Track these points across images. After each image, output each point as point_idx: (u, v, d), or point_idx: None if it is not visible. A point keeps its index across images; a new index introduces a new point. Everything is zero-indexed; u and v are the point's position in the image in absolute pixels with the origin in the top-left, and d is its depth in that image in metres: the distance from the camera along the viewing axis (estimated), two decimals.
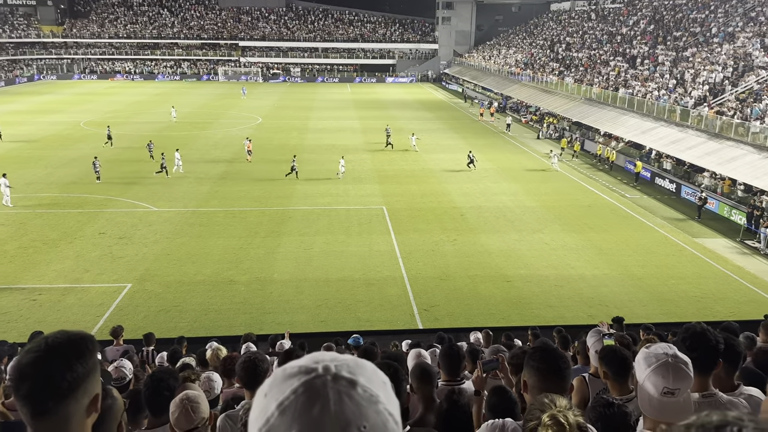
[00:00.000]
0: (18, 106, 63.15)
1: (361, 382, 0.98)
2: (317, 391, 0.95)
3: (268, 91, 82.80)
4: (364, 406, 0.96)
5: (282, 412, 0.94)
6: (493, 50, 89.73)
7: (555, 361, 2.72)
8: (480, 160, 39.81)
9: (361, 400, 0.96)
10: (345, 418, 0.93)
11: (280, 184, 32.92)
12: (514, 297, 19.51)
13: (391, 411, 1.00)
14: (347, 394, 0.96)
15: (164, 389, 4.16)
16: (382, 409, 0.98)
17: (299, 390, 0.96)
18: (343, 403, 0.94)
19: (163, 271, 21.15)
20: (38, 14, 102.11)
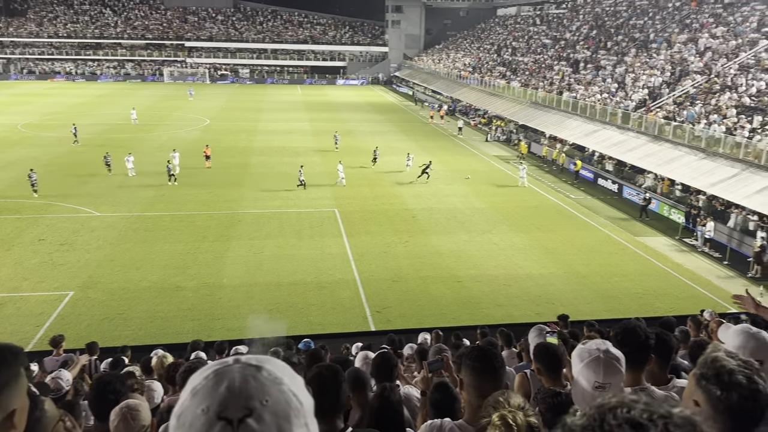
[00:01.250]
0: None
1: (266, 367, 1.08)
2: (225, 374, 1.05)
3: (216, 92, 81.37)
4: (267, 386, 1.05)
5: (194, 396, 1.04)
6: (442, 54, 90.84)
7: (489, 361, 2.79)
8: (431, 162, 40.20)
9: (265, 381, 1.06)
10: (248, 393, 1.03)
11: (229, 187, 32.39)
12: (465, 297, 19.78)
13: (295, 392, 1.08)
14: (252, 375, 1.05)
15: (110, 393, 4.05)
16: (285, 390, 1.06)
17: (210, 376, 1.06)
18: (247, 381, 1.04)
19: (106, 278, 20.47)
20: None
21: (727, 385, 1.96)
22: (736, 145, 28.00)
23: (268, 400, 1.03)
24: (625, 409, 0.88)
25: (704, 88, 36.08)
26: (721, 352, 2.12)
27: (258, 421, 1.00)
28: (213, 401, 1.01)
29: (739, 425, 1.97)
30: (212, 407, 1.01)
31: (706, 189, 27.26)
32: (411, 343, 9.89)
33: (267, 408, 1.02)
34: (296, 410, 1.06)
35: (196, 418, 1.01)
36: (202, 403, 1.02)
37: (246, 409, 1.01)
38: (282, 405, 1.04)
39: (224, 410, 1.00)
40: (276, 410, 1.03)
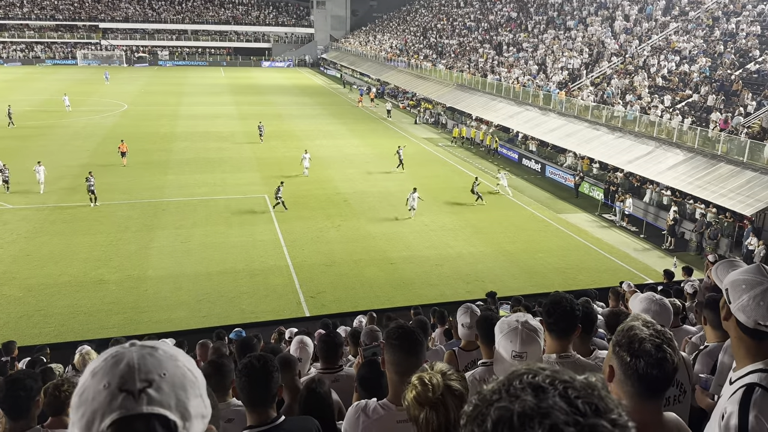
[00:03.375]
0: None
1: (161, 347, 1.15)
2: (123, 354, 1.12)
3: (134, 75, 77.84)
4: (164, 361, 1.12)
5: (94, 375, 1.09)
6: (369, 36, 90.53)
7: (408, 338, 2.87)
8: (361, 145, 40.24)
9: (162, 357, 1.13)
10: (147, 367, 1.10)
11: (150, 175, 31.20)
12: (398, 278, 20.03)
13: (190, 368, 1.16)
14: (149, 353, 1.13)
15: (20, 389, 3.87)
16: (180, 365, 1.14)
17: (108, 358, 1.12)
18: (144, 359, 1.11)
19: (22, 273, 19.35)
20: None
21: (636, 352, 2.10)
22: (650, 124, 29.57)
23: (166, 373, 1.10)
24: (531, 375, 0.96)
25: (620, 69, 37.79)
26: (638, 321, 2.25)
27: (157, 391, 1.08)
28: (113, 377, 1.08)
29: (647, 390, 2.12)
30: (113, 382, 1.07)
31: (623, 166, 28.67)
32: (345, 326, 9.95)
33: (165, 380, 1.10)
34: (191, 382, 1.14)
35: (98, 393, 1.07)
36: (103, 380, 1.08)
37: (146, 381, 1.08)
38: (179, 377, 1.12)
39: (125, 383, 1.07)
40: (174, 382, 1.11)
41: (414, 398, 2.24)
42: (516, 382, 0.96)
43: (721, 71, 31.51)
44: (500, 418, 0.91)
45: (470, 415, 0.96)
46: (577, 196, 30.54)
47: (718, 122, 26.85)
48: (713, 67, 32.38)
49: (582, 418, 0.89)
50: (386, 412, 2.84)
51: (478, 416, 0.94)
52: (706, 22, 37.53)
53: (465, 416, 0.97)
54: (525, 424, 0.88)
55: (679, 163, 26.10)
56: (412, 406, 2.24)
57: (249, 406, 2.93)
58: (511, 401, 0.92)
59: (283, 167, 33.53)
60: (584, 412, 0.89)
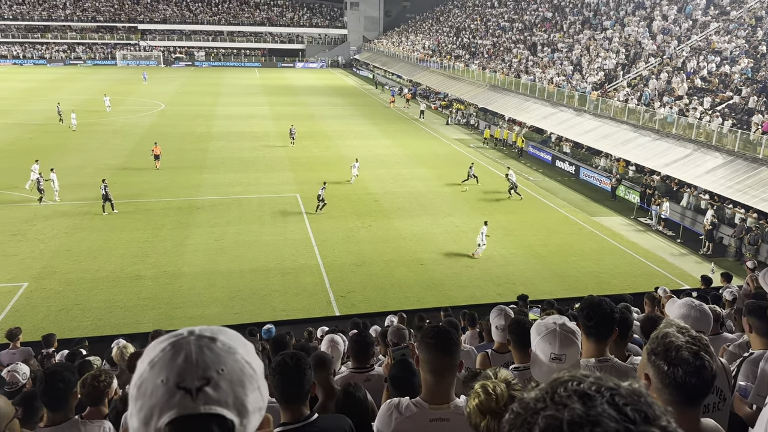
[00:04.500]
0: None
1: (220, 338, 1.13)
2: (181, 346, 1.10)
3: (171, 76, 79.37)
4: (222, 355, 1.10)
5: (152, 367, 1.09)
6: (401, 36, 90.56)
7: (443, 337, 2.88)
8: (392, 146, 40.29)
9: (220, 351, 1.11)
10: (204, 363, 1.08)
11: (186, 174, 31.75)
12: (428, 279, 19.98)
13: (249, 360, 1.14)
14: (207, 346, 1.11)
15: (58, 381, 3.99)
16: (239, 359, 1.12)
17: (166, 348, 1.10)
18: (203, 353, 1.09)
19: (62, 268, 19.92)
20: None
21: (674, 361, 2.07)
22: (689, 126, 28.88)
23: (224, 369, 1.09)
24: (576, 382, 0.94)
25: (657, 69, 37.01)
26: (672, 327, 2.21)
27: (215, 389, 1.07)
28: (171, 372, 1.06)
29: (686, 398, 2.08)
30: (171, 378, 1.06)
31: (660, 169, 28.07)
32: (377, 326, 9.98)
33: (223, 376, 1.08)
34: (250, 376, 1.12)
35: (156, 388, 1.06)
36: (161, 374, 1.07)
37: (204, 379, 1.07)
38: (237, 373, 1.10)
39: (183, 380, 1.06)
40: (231, 378, 1.09)
41: (477, 406, 2.27)
42: (560, 389, 0.94)
43: (763, 72, 30.59)
44: (548, 426, 0.89)
45: (513, 423, 0.94)
46: (614, 199, 29.99)
47: (761, 125, 26.08)
48: (755, 69, 31.45)
49: (633, 426, 0.87)
50: (419, 410, 2.86)
51: (524, 425, 0.92)
52: (749, 22, 36.49)
53: (507, 424, 0.95)
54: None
55: (719, 167, 25.43)
56: (474, 414, 2.27)
57: (283, 403, 2.97)
58: (559, 409, 0.90)
59: (315, 167, 33.79)
60: (634, 420, 0.88)
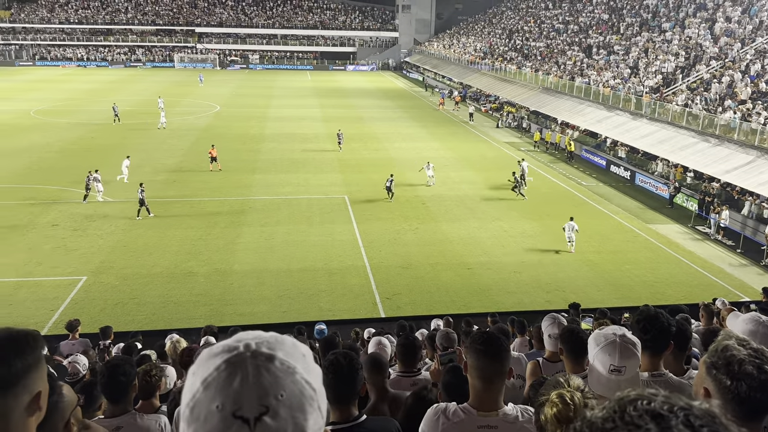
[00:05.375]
0: None
1: (279, 356, 1.05)
2: (237, 366, 1.02)
3: (226, 78, 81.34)
4: (281, 377, 1.03)
5: (206, 388, 1.02)
6: (453, 39, 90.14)
7: (493, 344, 2.84)
8: (440, 148, 40.12)
9: (278, 372, 1.03)
10: (263, 388, 1.01)
11: (239, 174, 32.45)
12: (475, 284, 19.79)
13: (308, 380, 1.07)
14: (265, 367, 1.03)
15: (120, 375, 4.11)
16: (299, 379, 1.05)
17: (221, 367, 1.03)
18: (261, 375, 1.02)
19: (119, 263, 20.67)
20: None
21: (737, 375, 1.96)
22: (752, 132, 27.64)
23: (283, 394, 1.02)
24: (646, 401, 0.89)
25: (719, 73, 35.59)
26: (732, 340, 2.11)
27: (274, 418, 1.00)
28: (227, 398, 1.00)
29: (749, 413, 1.98)
30: (227, 405, 0.99)
31: (720, 176, 26.97)
32: (423, 330, 9.94)
33: (282, 402, 1.01)
34: (310, 399, 1.06)
35: (210, 414, 1.00)
36: (216, 399, 1.00)
37: (262, 407, 1.00)
38: (297, 397, 1.04)
39: (240, 409, 0.99)
40: (291, 403, 1.02)
41: (554, 415, 2.27)
42: (629, 408, 0.89)
43: None
44: None
45: None
46: (671, 206, 28.97)
47: None
48: None
49: None
50: (467, 416, 2.82)
51: None
52: None
53: None
54: None
55: None
56: (550, 423, 2.27)
57: (333, 403, 2.98)
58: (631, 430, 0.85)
59: (363, 169, 33.99)
60: None
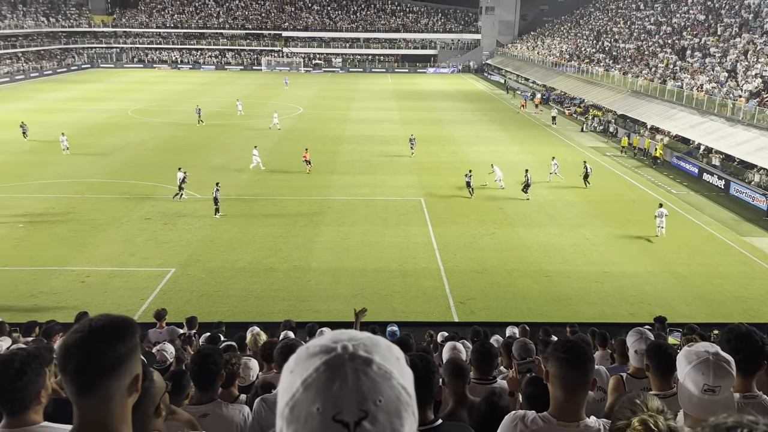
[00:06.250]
0: (69, 93, 65.38)
1: (376, 360, 1.07)
2: (336, 369, 1.05)
3: (310, 81, 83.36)
4: (379, 382, 1.05)
5: (306, 388, 1.04)
6: (537, 40, 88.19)
7: (577, 353, 2.74)
8: (521, 152, 39.35)
9: (376, 376, 1.05)
10: (362, 393, 1.03)
11: (319, 174, 33.16)
12: (553, 292, 19.26)
13: (404, 385, 1.09)
14: (363, 371, 1.05)
15: (210, 364, 4.28)
16: (395, 384, 1.07)
17: (321, 368, 1.05)
18: (359, 380, 1.04)
19: (205, 256, 21.63)
20: (89, 4, 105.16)
21: None
22: None
23: (381, 399, 1.04)
24: (746, 430, 0.84)
25: None
26: None
27: (373, 423, 1.02)
28: (327, 401, 1.03)
29: None
30: (327, 408, 1.02)
31: None
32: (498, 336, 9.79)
33: (380, 408, 1.04)
34: (405, 404, 1.08)
35: (310, 415, 1.03)
36: (316, 401, 1.03)
37: (361, 412, 1.02)
38: (394, 402, 1.06)
39: (340, 413, 1.02)
40: (389, 409, 1.05)
41: None
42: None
43: None
44: None
45: None
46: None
47: None
48: None
49: None
50: (546, 425, 2.76)
51: None
52: None
53: None
54: None
55: None
56: None
57: None
58: None
59: (440, 171, 33.86)
60: None
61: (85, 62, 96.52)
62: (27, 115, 47.86)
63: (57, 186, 29.89)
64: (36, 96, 63.23)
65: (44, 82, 77.47)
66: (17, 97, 62.41)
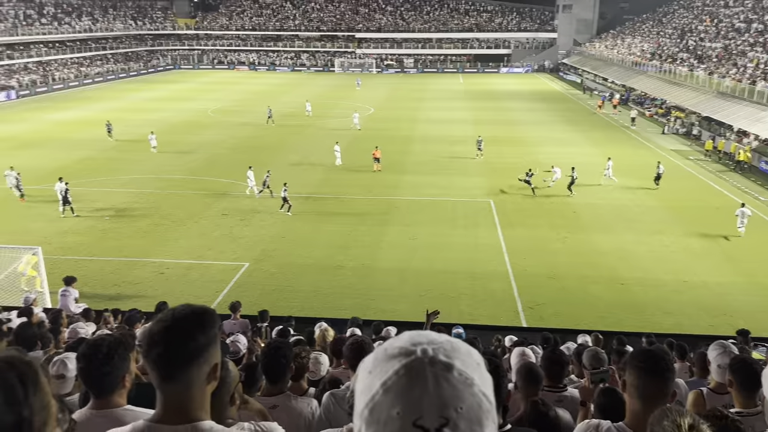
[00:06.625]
0: (154, 93, 68.89)
1: (456, 366, 1.05)
2: (416, 373, 1.02)
3: (382, 82, 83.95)
4: (460, 389, 1.02)
5: (386, 391, 1.02)
6: (616, 39, 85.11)
7: (657, 362, 2.64)
8: (596, 154, 38.09)
9: (457, 383, 1.03)
10: (443, 399, 1.00)
11: (388, 174, 33.33)
12: (628, 301, 18.55)
13: (485, 392, 1.06)
14: (444, 377, 1.02)
15: (281, 357, 4.41)
16: (476, 391, 1.04)
17: (401, 371, 1.03)
18: (440, 386, 1.01)
19: (277, 252, 22.23)
20: (174, 7, 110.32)
21: None
22: None
23: (462, 407, 1.02)
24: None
25: None
26: None
27: (453, 430, 1.00)
28: (407, 406, 1.00)
29: None
30: (407, 413, 1.00)
31: None
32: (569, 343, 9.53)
33: (462, 415, 1.01)
34: (487, 412, 1.05)
35: (390, 419, 1.01)
36: (396, 405, 1.01)
37: (442, 419, 1.00)
38: (475, 410, 1.03)
39: (420, 418, 0.99)
40: (470, 416, 1.02)
41: None
42: None
43: None
44: None
45: None
46: None
47: None
48: None
49: None
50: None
51: None
52: None
53: None
54: None
55: None
56: None
57: None
58: None
59: (510, 173, 33.21)
60: None
61: (169, 64, 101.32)
62: (114, 114, 50.77)
63: (141, 181, 31.53)
64: (123, 96, 66.99)
65: (131, 82, 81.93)
66: (107, 96, 66.36)
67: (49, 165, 34.51)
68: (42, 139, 42.37)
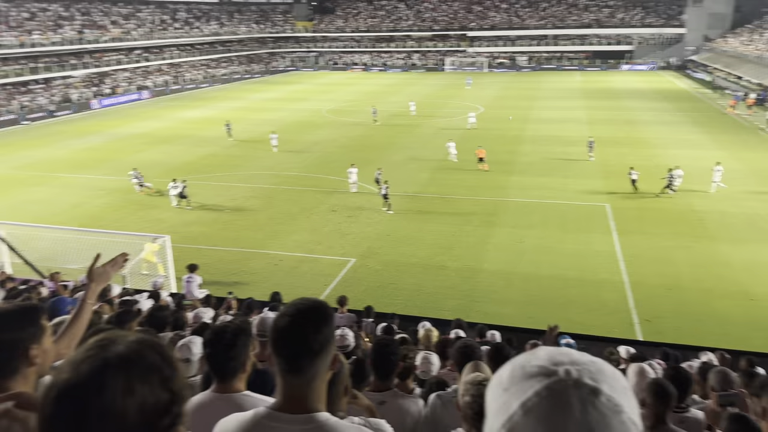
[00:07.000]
0: (273, 94, 72.49)
1: (604, 391, 0.96)
2: (560, 396, 0.95)
3: (493, 80, 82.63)
4: (608, 416, 0.93)
5: (526, 413, 0.95)
6: (753, 34, 78.02)
7: None
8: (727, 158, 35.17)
9: (605, 409, 0.94)
10: (589, 427, 0.92)
11: (494, 174, 32.73)
12: (759, 318, 16.97)
13: (635, 420, 0.96)
14: (591, 402, 0.94)
15: (391, 354, 4.49)
16: (625, 419, 0.95)
17: (542, 393, 0.96)
18: (587, 412, 0.93)
19: (382, 250, 22.59)
20: (294, 11, 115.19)
21: None
22: None
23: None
24: None
25: None
26: None
27: None
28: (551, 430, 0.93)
29: None
30: None
31: None
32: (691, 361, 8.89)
33: None
34: None
35: None
36: (538, 429, 0.94)
37: None
38: None
39: None
40: None
41: None
42: None
43: None
44: None
45: None
46: None
47: None
48: None
49: None
50: None
51: None
52: None
53: None
54: None
55: None
56: None
57: None
58: None
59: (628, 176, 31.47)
60: None
61: (289, 65, 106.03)
62: (235, 113, 54.03)
63: (260, 177, 33.28)
64: (245, 96, 71.04)
65: (253, 83, 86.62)
66: (231, 96, 70.80)
67: (177, 160, 37.40)
68: (173, 136, 45.97)
